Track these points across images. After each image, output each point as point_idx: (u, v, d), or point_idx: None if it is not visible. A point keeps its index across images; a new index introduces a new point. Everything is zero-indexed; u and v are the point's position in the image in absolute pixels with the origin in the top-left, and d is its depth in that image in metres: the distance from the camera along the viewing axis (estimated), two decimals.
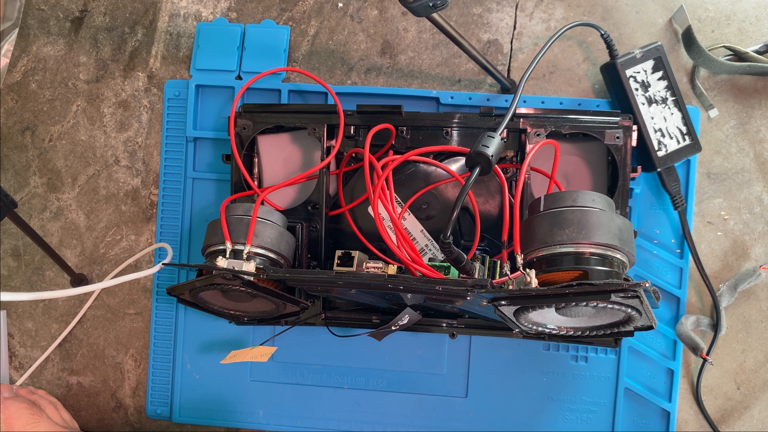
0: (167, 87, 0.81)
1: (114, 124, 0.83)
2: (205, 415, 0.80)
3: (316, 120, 0.71)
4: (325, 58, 0.80)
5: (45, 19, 0.84)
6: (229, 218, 0.64)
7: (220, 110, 0.80)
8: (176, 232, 0.80)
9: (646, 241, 0.75)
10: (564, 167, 0.71)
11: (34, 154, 0.83)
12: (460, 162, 0.71)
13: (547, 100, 0.76)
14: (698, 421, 0.75)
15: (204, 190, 0.80)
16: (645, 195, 0.76)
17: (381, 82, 0.80)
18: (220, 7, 0.82)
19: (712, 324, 0.74)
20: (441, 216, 0.72)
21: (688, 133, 0.72)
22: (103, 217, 0.82)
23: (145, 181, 0.82)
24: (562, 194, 0.55)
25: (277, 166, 0.75)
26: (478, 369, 0.77)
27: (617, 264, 0.53)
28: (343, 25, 0.80)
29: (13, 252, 0.84)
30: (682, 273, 0.75)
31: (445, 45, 0.79)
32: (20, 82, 0.84)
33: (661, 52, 0.72)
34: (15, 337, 0.83)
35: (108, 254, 0.82)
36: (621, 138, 0.67)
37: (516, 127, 0.68)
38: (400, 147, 0.71)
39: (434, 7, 0.59)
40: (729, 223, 0.76)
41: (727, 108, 0.76)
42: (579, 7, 0.78)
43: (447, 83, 0.79)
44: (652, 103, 0.72)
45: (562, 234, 0.53)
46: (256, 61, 0.80)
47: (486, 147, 0.57)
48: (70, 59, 0.84)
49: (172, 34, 0.83)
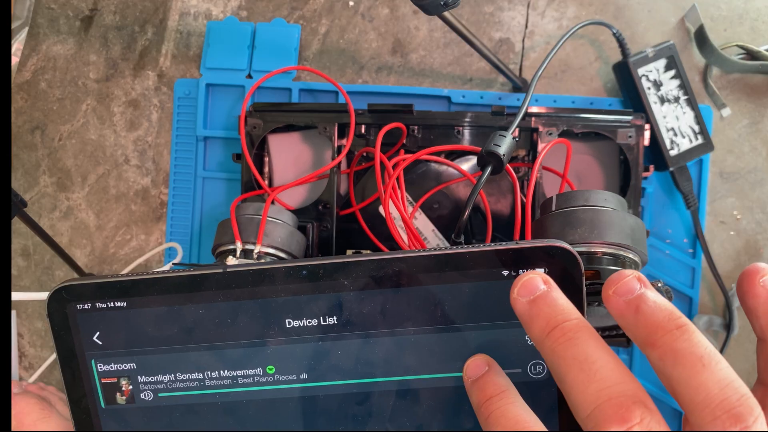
0: (177, 86, 0.81)
1: (124, 123, 0.83)
2: None
3: (327, 119, 0.70)
4: (336, 57, 0.80)
5: (55, 17, 0.85)
6: (239, 218, 0.64)
7: (231, 109, 0.80)
8: (186, 232, 0.80)
9: (659, 241, 0.75)
10: (576, 166, 0.71)
11: (43, 154, 0.84)
12: (472, 161, 0.71)
13: (559, 99, 0.76)
14: None
15: (214, 190, 0.80)
16: (657, 194, 0.75)
17: (392, 81, 0.80)
18: (231, 5, 0.82)
19: (725, 324, 0.74)
20: (452, 215, 0.72)
21: (701, 132, 0.72)
22: (113, 217, 0.82)
23: (155, 181, 0.82)
24: (574, 193, 0.55)
25: (288, 165, 0.75)
26: None
27: (629, 263, 0.53)
28: (354, 23, 0.80)
29: (23, 252, 0.84)
30: (695, 273, 0.75)
31: (457, 44, 0.79)
32: (30, 81, 0.84)
33: (674, 50, 0.72)
34: (25, 337, 0.83)
35: (118, 254, 0.82)
36: (633, 137, 0.67)
37: (528, 126, 0.68)
38: (412, 146, 0.71)
39: (446, 6, 0.59)
40: (742, 222, 0.75)
41: (740, 107, 0.76)
42: (591, 6, 0.78)
43: (458, 82, 0.79)
44: (665, 102, 0.72)
45: (574, 233, 0.52)
46: (267, 60, 0.79)
47: (498, 146, 0.56)
48: (80, 58, 0.84)
49: (183, 32, 0.83)
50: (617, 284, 0.32)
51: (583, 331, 0.31)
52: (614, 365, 0.30)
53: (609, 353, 0.31)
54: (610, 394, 0.29)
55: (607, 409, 0.29)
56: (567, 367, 0.31)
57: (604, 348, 0.31)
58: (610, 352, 0.31)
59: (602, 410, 0.29)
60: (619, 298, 0.32)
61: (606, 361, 0.30)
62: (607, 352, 0.31)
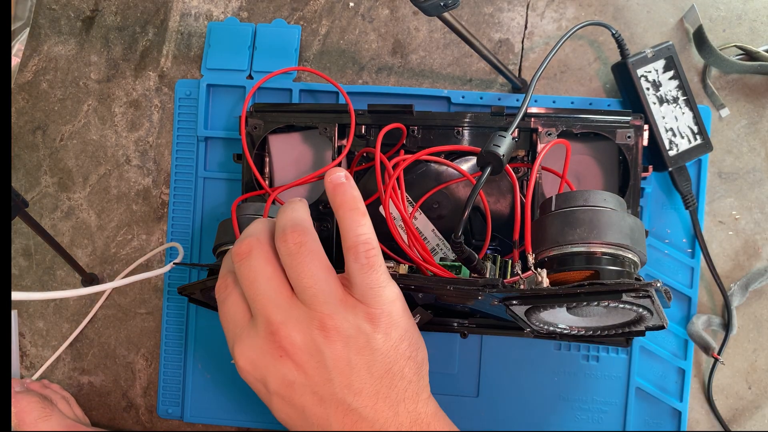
0: (178, 86, 0.81)
1: (125, 123, 0.83)
2: (216, 415, 0.80)
3: (327, 119, 0.71)
4: (336, 58, 0.80)
5: (56, 18, 0.85)
6: (240, 218, 0.64)
7: (231, 110, 0.80)
8: (187, 232, 0.80)
9: (658, 241, 0.75)
10: (575, 167, 0.71)
11: (45, 154, 0.84)
12: (472, 161, 0.71)
13: (559, 100, 0.76)
14: (709, 421, 0.75)
15: (215, 190, 0.80)
16: (656, 194, 0.75)
17: (392, 82, 0.80)
18: (231, 6, 0.82)
19: (724, 323, 0.74)
20: (452, 215, 0.72)
21: (700, 132, 0.72)
22: (114, 217, 0.83)
23: (156, 181, 0.82)
24: (573, 194, 0.55)
25: (288, 165, 0.75)
26: (489, 369, 0.77)
27: (628, 263, 0.53)
28: (354, 24, 0.81)
29: (24, 252, 0.84)
30: (694, 272, 0.75)
31: (456, 44, 0.79)
32: (31, 82, 0.85)
33: (673, 51, 0.72)
34: (26, 336, 0.84)
35: (119, 254, 0.83)
36: (632, 137, 0.67)
37: (527, 127, 0.68)
38: (411, 146, 0.71)
39: (445, 7, 0.60)
40: (740, 222, 0.75)
41: (739, 107, 0.76)
42: (590, 7, 0.78)
43: (458, 83, 0.79)
44: (664, 103, 0.72)
45: (573, 233, 0.52)
46: (267, 61, 0.80)
47: (497, 146, 0.57)
48: (81, 59, 0.84)
49: (183, 33, 0.83)
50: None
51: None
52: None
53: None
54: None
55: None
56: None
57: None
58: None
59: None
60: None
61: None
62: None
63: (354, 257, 0.47)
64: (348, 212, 0.48)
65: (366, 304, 0.48)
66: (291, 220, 0.49)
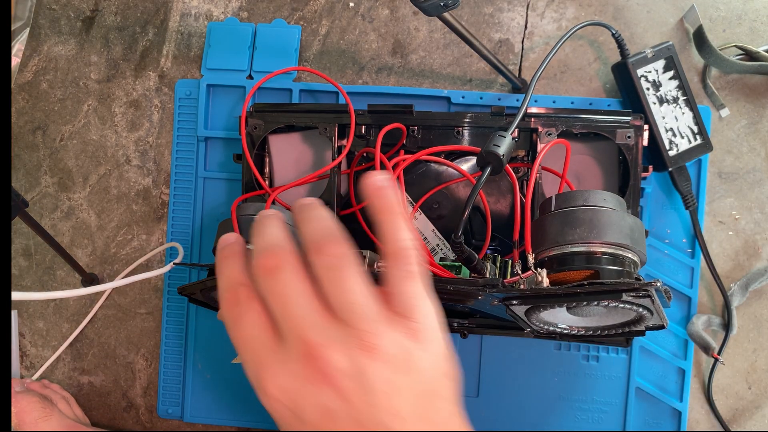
0: (178, 86, 0.81)
1: (125, 123, 0.83)
2: (216, 415, 0.80)
3: (327, 119, 0.71)
4: (336, 58, 0.80)
5: (56, 18, 0.85)
6: (240, 218, 0.64)
7: (231, 110, 0.80)
8: (187, 232, 0.80)
9: (658, 241, 0.75)
10: (575, 167, 0.71)
11: (45, 154, 0.84)
12: (472, 161, 0.71)
13: (559, 100, 0.76)
14: (709, 421, 0.75)
15: (215, 190, 0.80)
16: (656, 194, 0.75)
17: (392, 82, 0.80)
18: (231, 6, 0.82)
19: (724, 323, 0.74)
20: (452, 215, 0.72)
21: (700, 132, 0.72)
22: (114, 217, 0.83)
23: (156, 181, 0.82)
24: (573, 194, 0.55)
25: (288, 165, 0.75)
26: (489, 369, 0.77)
27: (628, 263, 0.53)
28: (354, 24, 0.81)
29: (24, 251, 0.84)
30: (694, 272, 0.75)
31: (456, 44, 0.79)
32: (31, 82, 0.85)
33: (673, 51, 0.72)
34: (26, 336, 0.84)
35: (119, 254, 0.83)
36: (632, 137, 0.67)
37: (527, 127, 0.68)
38: (411, 146, 0.71)
39: (445, 7, 0.60)
40: (740, 222, 0.75)
41: (738, 107, 0.76)
42: (590, 7, 0.78)
43: (458, 83, 0.79)
44: (664, 103, 0.72)
45: (573, 233, 0.52)
46: (268, 61, 0.80)
47: (497, 146, 0.57)
48: (81, 59, 0.84)
49: (183, 33, 0.83)
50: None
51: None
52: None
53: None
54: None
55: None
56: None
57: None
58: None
59: None
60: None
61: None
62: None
63: (395, 264, 0.44)
64: (389, 216, 0.45)
65: (406, 317, 0.43)
66: (325, 229, 0.46)
